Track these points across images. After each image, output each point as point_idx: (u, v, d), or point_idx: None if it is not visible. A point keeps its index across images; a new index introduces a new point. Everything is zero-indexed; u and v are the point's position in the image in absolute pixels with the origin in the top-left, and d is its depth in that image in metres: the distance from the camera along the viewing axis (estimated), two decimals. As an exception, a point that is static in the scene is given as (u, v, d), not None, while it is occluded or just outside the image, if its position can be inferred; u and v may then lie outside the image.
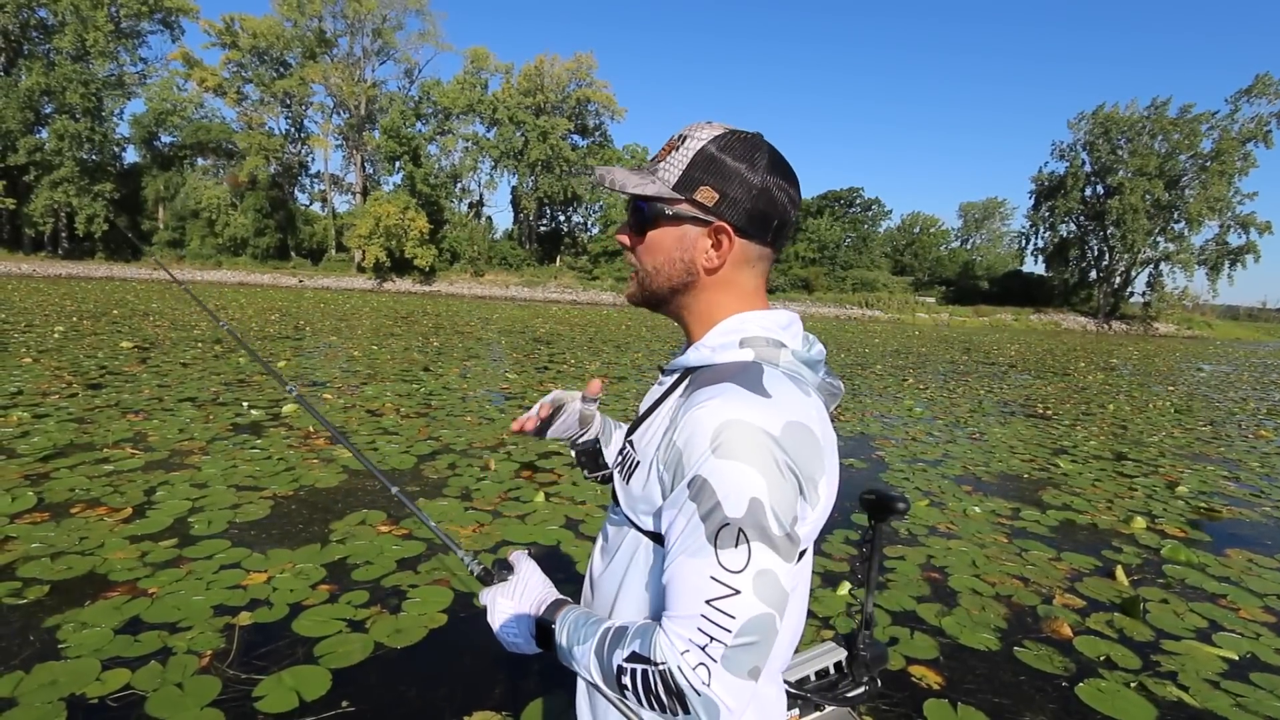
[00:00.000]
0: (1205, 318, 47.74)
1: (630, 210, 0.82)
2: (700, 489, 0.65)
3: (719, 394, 0.68)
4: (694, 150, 0.76)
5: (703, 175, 0.75)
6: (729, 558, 0.63)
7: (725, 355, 0.76)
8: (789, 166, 0.78)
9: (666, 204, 0.77)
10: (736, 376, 0.70)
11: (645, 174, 0.79)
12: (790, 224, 0.79)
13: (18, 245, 39.46)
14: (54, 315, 14.03)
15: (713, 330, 0.80)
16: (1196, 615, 3.17)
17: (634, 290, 0.86)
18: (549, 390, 6.73)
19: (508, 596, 0.84)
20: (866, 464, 5.63)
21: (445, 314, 22.27)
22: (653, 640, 0.67)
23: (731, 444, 0.64)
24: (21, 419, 5.32)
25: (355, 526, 3.58)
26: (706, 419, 0.66)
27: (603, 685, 0.71)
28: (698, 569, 0.65)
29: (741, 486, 0.63)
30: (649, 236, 0.80)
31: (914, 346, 20.21)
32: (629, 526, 0.81)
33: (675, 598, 0.66)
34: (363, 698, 2.21)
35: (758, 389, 0.68)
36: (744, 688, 0.64)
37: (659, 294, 0.83)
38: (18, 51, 38.88)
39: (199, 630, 2.51)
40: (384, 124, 42.67)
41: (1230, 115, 40.86)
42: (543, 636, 0.79)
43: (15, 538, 3.19)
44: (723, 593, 0.63)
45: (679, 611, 0.66)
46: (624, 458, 0.85)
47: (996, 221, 67.14)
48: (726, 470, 0.64)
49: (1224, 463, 6.60)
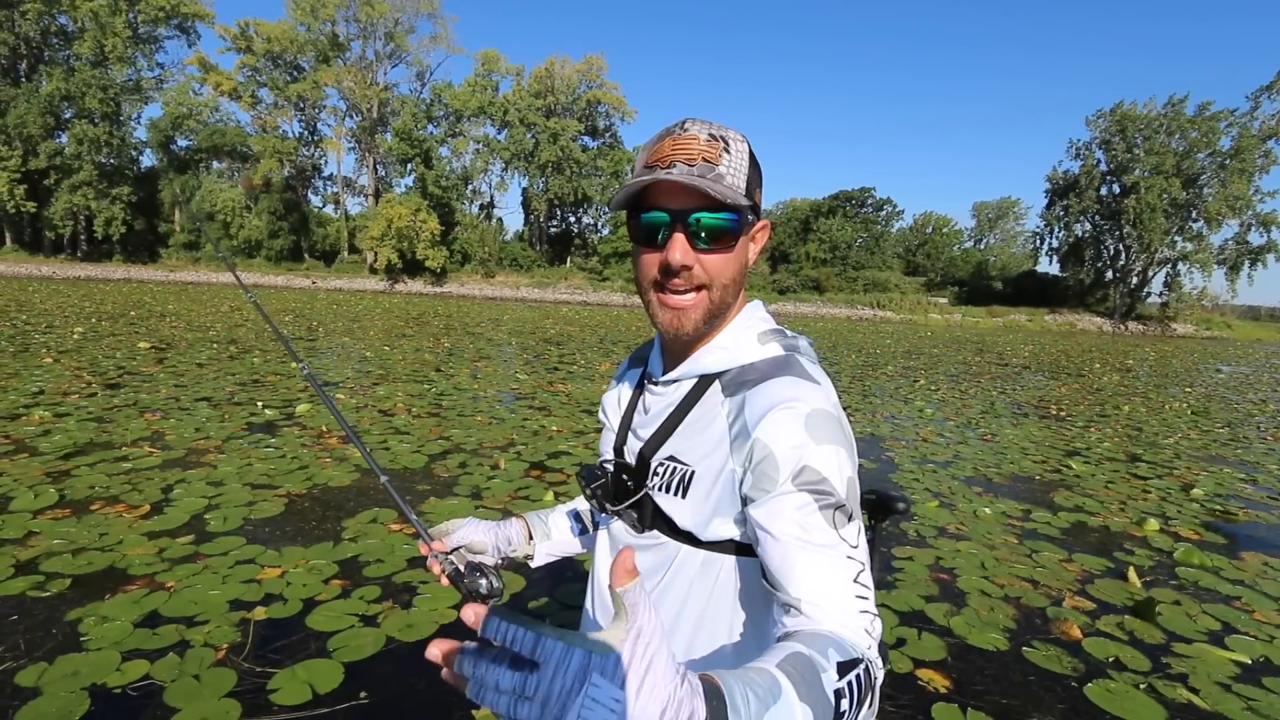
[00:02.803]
0: (1225, 318, 46.95)
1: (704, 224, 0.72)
2: (811, 477, 0.69)
3: (788, 387, 0.73)
4: (747, 154, 0.76)
5: (755, 180, 0.78)
6: (849, 533, 0.68)
7: (747, 353, 0.79)
8: None
9: (750, 210, 0.76)
10: (787, 370, 0.76)
11: (712, 181, 0.71)
12: None
13: (38, 248, 40.23)
14: (73, 316, 14.28)
15: (724, 330, 0.81)
16: (1209, 618, 3.14)
17: (699, 318, 0.76)
18: (559, 390, 6.71)
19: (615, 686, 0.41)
20: (876, 464, 5.61)
21: (456, 315, 22.41)
22: (840, 643, 0.59)
23: (822, 430, 0.70)
24: (43, 418, 5.44)
25: (367, 524, 3.64)
26: (792, 413, 0.71)
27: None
28: (831, 554, 0.66)
29: (841, 468, 0.70)
30: (726, 252, 0.75)
31: (926, 347, 20.07)
32: (680, 543, 0.77)
33: (823, 587, 0.64)
34: (375, 690, 2.25)
35: (809, 378, 0.75)
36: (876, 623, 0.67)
37: (724, 307, 0.78)
38: (39, 58, 39.65)
39: (215, 624, 2.56)
40: (396, 126, 43.05)
41: (1250, 112, 40.25)
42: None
43: (38, 533, 3.27)
44: (858, 569, 0.67)
45: (839, 597, 0.64)
46: (667, 473, 0.79)
47: (1010, 221, 66.55)
48: (828, 455, 0.70)
49: (1241, 465, 6.51)
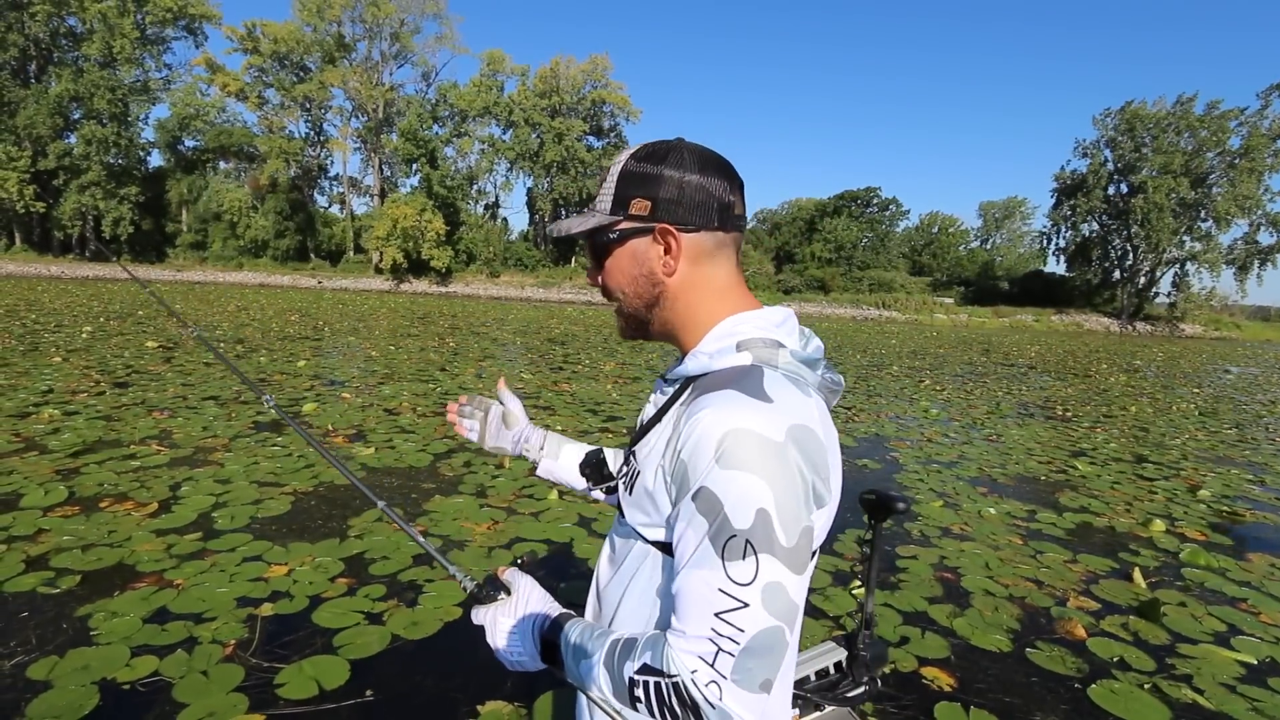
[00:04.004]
0: (1233, 318, 46.67)
1: (588, 251, 0.85)
2: (707, 501, 0.64)
3: (721, 401, 0.67)
4: (617, 173, 0.79)
5: (630, 190, 0.78)
6: (737, 570, 0.62)
7: (724, 360, 0.75)
8: (714, 154, 0.79)
9: (608, 229, 0.80)
10: (737, 382, 0.69)
11: (587, 213, 0.82)
12: (732, 204, 0.78)
13: (47, 247, 40.54)
14: (82, 316, 14.39)
15: (708, 335, 0.78)
16: (1215, 619, 3.13)
17: (621, 324, 0.87)
18: (563, 390, 6.74)
19: (508, 614, 0.81)
20: (881, 465, 5.60)
21: (461, 315, 22.47)
22: (664, 653, 0.65)
23: (736, 453, 0.63)
24: (53, 416, 5.49)
25: (372, 523, 3.66)
26: (710, 428, 0.65)
27: (612, 699, 0.69)
28: (706, 581, 0.64)
29: (748, 497, 0.62)
30: (607, 265, 0.83)
31: (931, 348, 20.01)
32: (635, 538, 0.81)
33: (684, 610, 0.66)
34: (380, 687, 2.27)
35: (759, 394, 0.67)
36: (756, 701, 0.63)
37: (639, 316, 0.84)
38: (48, 59, 39.95)
39: (223, 620, 2.59)
40: (401, 127, 43.19)
41: (1260, 111, 39.96)
42: (547, 652, 0.77)
43: (48, 530, 3.31)
44: (731, 605, 0.62)
45: (688, 624, 0.65)
46: (628, 469, 0.84)
47: (1017, 221, 66.14)
48: (732, 481, 0.63)
49: (1249, 466, 6.48)
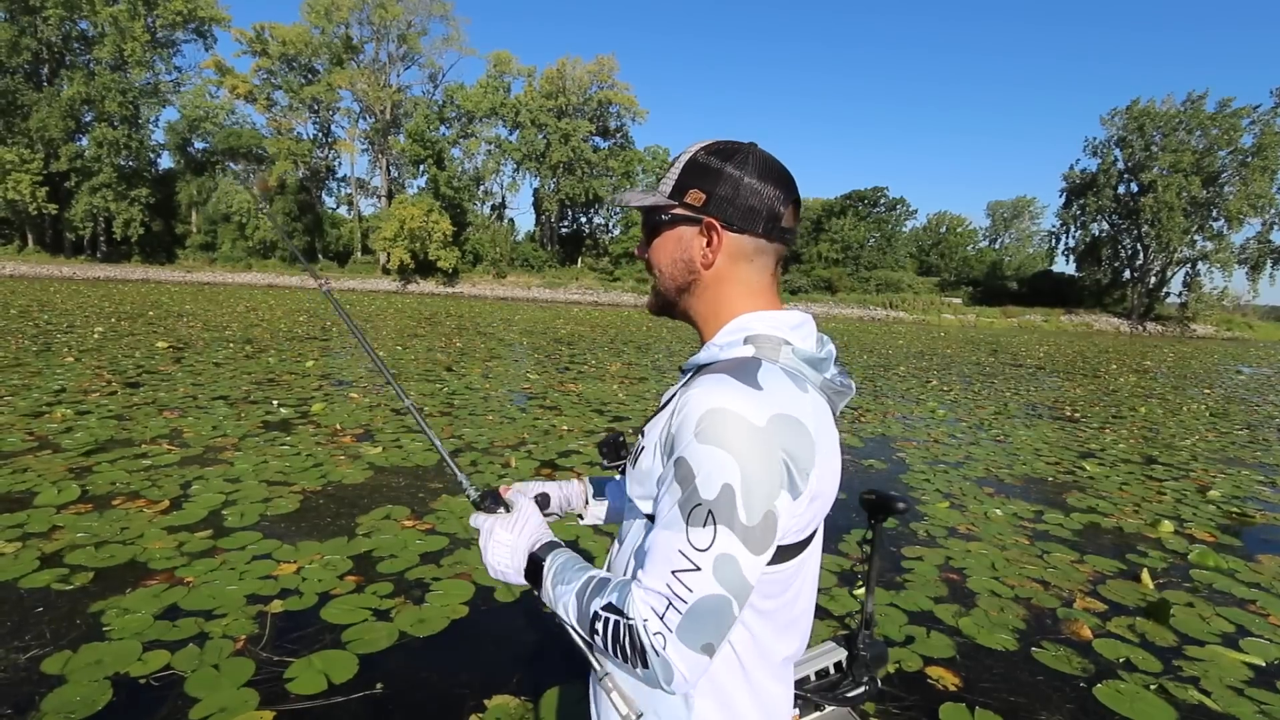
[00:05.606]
0: (1246, 319, 46.11)
1: (642, 224, 0.91)
2: (684, 470, 0.70)
3: (712, 384, 0.72)
4: (685, 160, 0.84)
5: (692, 180, 0.82)
6: (697, 535, 0.68)
7: (731, 351, 0.80)
8: (778, 165, 0.83)
9: (663, 210, 0.85)
10: (733, 370, 0.74)
11: (649, 191, 0.87)
12: (781, 216, 0.82)
13: (59, 249, 40.99)
14: (93, 316, 14.54)
15: (722, 329, 0.83)
16: (1223, 620, 3.11)
17: (651, 299, 0.94)
18: (569, 390, 6.78)
19: (506, 529, 0.89)
20: (887, 465, 5.60)
21: (468, 315, 22.55)
22: (627, 597, 0.72)
23: (713, 430, 0.68)
24: (65, 415, 5.56)
25: (380, 521, 3.69)
26: (696, 406, 0.71)
27: (576, 626, 0.77)
28: (669, 541, 0.70)
29: (716, 471, 0.68)
30: (655, 243, 0.88)
31: (939, 348, 19.92)
32: (636, 515, 0.85)
33: (649, 563, 0.72)
34: (388, 682, 2.30)
35: (751, 382, 0.72)
36: (697, 660, 0.68)
37: (669, 296, 0.89)
38: (60, 62, 40.39)
39: (233, 616, 2.62)
40: (409, 128, 43.44)
41: (1274, 109, 39.50)
42: (531, 571, 0.85)
43: (62, 527, 3.35)
44: (685, 566, 0.68)
45: (649, 577, 0.71)
46: (636, 446, 0.89)
47: (1026, 221, 65.80)
48: (705, 454, 0.68)
49: (1260, 467, 6.42)
